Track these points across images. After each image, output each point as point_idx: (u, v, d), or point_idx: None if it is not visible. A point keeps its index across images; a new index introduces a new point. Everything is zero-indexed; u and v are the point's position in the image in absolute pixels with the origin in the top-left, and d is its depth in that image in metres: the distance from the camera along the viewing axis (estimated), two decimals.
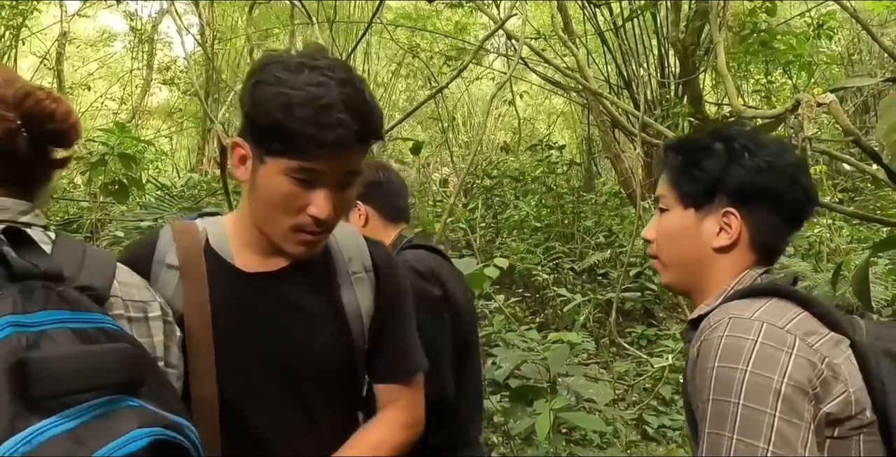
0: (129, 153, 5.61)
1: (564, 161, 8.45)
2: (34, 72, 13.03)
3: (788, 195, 1.03)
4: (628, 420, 3.50)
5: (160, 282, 1.11)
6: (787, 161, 1.04)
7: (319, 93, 1.00)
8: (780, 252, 1.12)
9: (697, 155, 1.08)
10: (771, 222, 1.05)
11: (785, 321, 0.89)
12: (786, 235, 1.09)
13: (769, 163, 1.03)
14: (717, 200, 1.05)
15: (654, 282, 6.15)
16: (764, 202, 1.04)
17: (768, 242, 1.07)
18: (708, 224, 1.06)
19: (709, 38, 8.38)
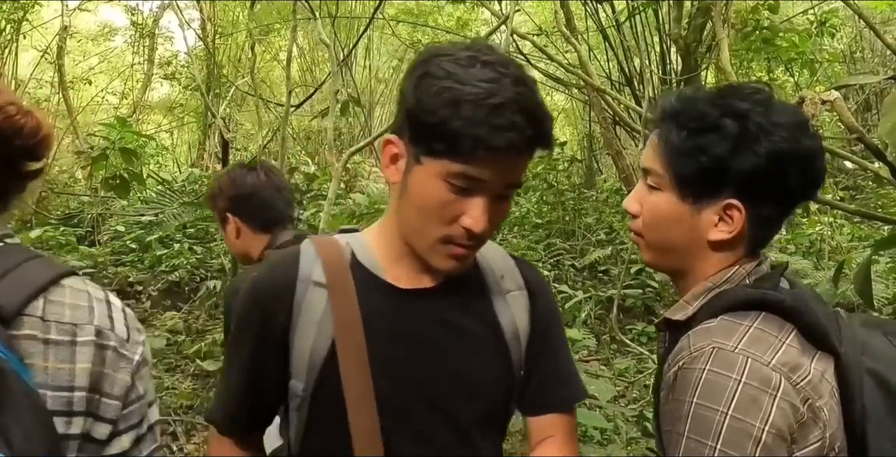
0: (131, 148, 5.61)
1: (566, 158, 8.45)
2: (35, 66, 13.01)
3: (800, 186, 0.94)
4: (629, 417, 3.50)
5: (306, 301, 1.00)
6: (806, 145, 0.92)
7: (493, 90, 0.88)
8: (770, 239, 1.05)
9: (703, 134, 0.93)
10: (772, 214, 0.96)
11: (771, 354, 0.83)
12: (780, 223, 1.01)
13: (784, 149, 0.90)
14: (721, 191, 0.93)
15: (654, 279, 6.15)
16: (774, 194, 0.93)
17: (764, 235, 0.99)
18: (706, 214, 0.95)
19: (711, 36, 8.37)
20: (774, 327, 0.85)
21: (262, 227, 1.93)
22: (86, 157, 7.96)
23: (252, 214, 1.92)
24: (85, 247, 7.40)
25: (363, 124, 13.23)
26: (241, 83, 10.51)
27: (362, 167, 12.12)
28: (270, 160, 10.47)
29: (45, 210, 8.92)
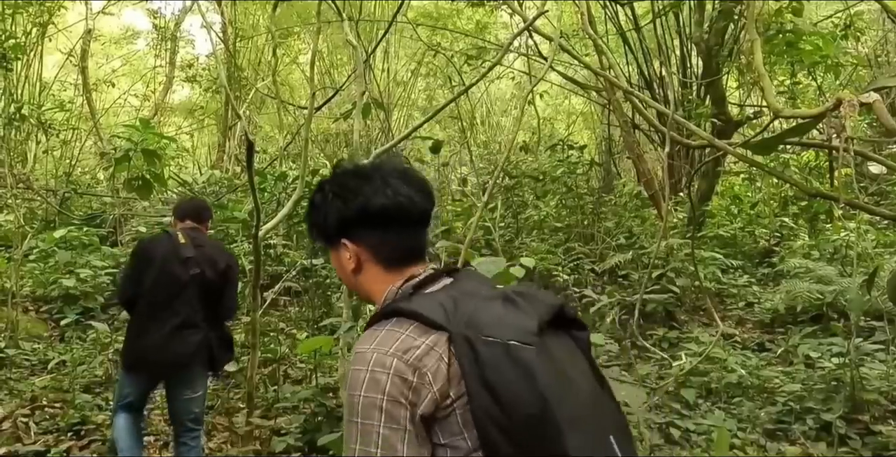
0: (152, 149, 5.66)
1: (585, 162, 8.40)
2: (59, 69, 13.19)
3: (376, 210, 1.25)
4: (651, 423, 3.46)
5: None
6: (358, 186, 1.28)
7: None
8: (420, 248, 1.31)
9: (310, 209, 1.36)
10: (378, 238, 1.27)
11: (392, 345, 1.12)
12: (410, 236, 1.29)
13: (346, 196, 1.28)
14: (334, 237, 1.31)
15: (675, 284, 6.08)
16: (361, 226, 1.27)
17: (389, 253, 1.28)
18: (343, 255, 1.31)
19: (733, 39, 8.29)
20: (402, 326, 1.14)
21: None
22: (108, 158, 8.05)
23: None
24: (107, 247, 7.47)
25: (382, 126, 13.24)
26: (262, 86, 10.58)
27: None
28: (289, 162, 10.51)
29: (68, 211, 9.03)
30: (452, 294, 1.21)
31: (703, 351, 4.06)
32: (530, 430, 1.07)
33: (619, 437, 1.16)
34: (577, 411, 1.11)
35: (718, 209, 9.26)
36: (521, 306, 1.19)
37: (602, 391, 1.23)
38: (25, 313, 6.16)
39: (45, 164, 11.58)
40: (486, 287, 1.26)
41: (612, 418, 1.21)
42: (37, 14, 10.53)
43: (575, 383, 1.15)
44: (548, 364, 1.11)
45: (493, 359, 1.08)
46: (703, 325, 6.01)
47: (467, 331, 1.11)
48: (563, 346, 1.21)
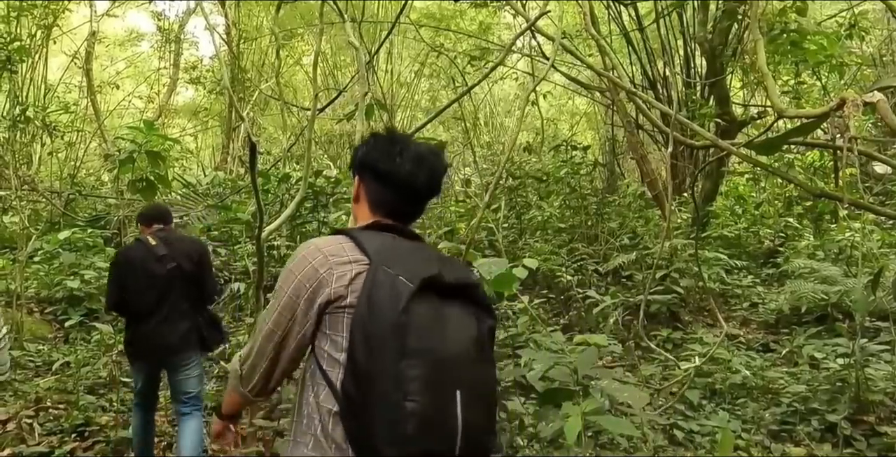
0: (157, 151, 5.67)
1: (588, 162, 8.38)
2: (64, 71, 13.23)
3: (386, 169, 1.55)
4: (655, 424, 3.45)
5: None
6: (384, 147, 1.58)
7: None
8: (403, 213, 1.59)
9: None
10: (377, 188, 1.58)
11: (327, 247, 1.47)
12: (399, 201, 1.57)
13: (372, 148, 1.59)
14: (355, 170, 1.63)
15: (679, 285, 6.06)
16: (370, 174, 1.58)
17: (380, 201, 1.58)
18: (355, 184, 1.63)
19: (737, 39, 8.27)
20: (343, 241, 1.49)
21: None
22: (112, 160, 8.07)
23: None
24: (111, 248, 7.49)
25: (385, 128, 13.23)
26: (265, 87, 10.60)
27: None
28: (293, 164, 10.53)
29: (72, 212, 9.05)
30: (396, 243, 1.50)
31: (708, 352, 4.05)
32: (382, 343, 1.32)
33: (470, 398, 1.33)
34: (432, 354, 1.32)
35: (722, 209, 9.23)
36: (433, 264, 1.44)
37: (480, 364, 1.42)
38: (30, 315, 6.18)
39: (50, 165, 11.63)
40: (425, 250, 1.53)
41: (473, 382, 1.37)
42: (41, 17, 10.58)
43: (446, 337, 1.36)
44: (425, 308, 1.36)
45: (381, 283, 1.37)
46: (708, 325, 5.99)
47: (380, 263, 1.40)
48: (456, 312, 1.42)
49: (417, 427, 1.27)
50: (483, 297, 1.49)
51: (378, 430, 1.29)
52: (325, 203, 6.53)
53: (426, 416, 1.28)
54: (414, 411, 1.27)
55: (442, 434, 1.30)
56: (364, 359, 1.33)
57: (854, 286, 5.11)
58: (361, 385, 1.33)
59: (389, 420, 1.28)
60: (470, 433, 1.32)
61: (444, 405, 1.31)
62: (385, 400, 1.29)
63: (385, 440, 1.28)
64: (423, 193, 1.59)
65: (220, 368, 4.84)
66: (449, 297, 1.41)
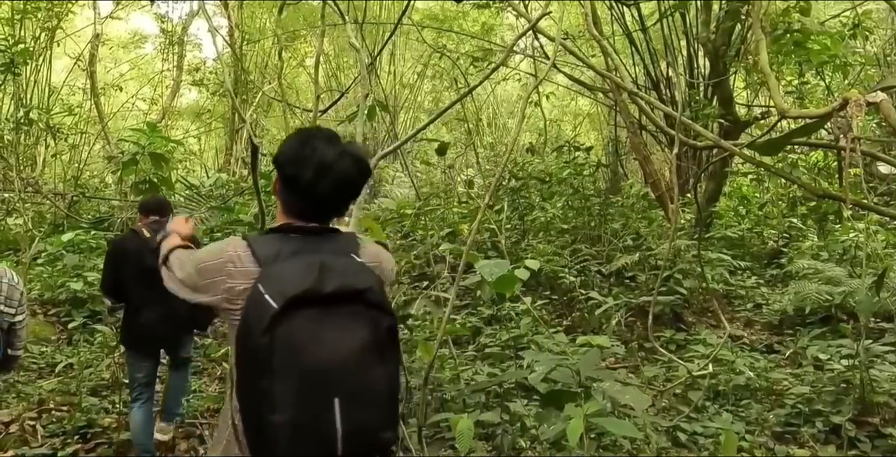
0: (160, 153, 5.69)
1: (591, 163, 8.36)
2: (68, 73, 13.27)
3: (289, 174, 1.60)
4: (658, 426, 3.43)
5: None
6: (302, 150, 1.60)
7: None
8: (313, 216, 1.62)
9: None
10: (284, 189, 1.64)
11: (237, 245, 1.59)
12: (305, 206, 1.61)
13: (288, 148, 1.63)
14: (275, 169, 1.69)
15: (683, 286, 6.04)
16: (279, 172, 1.63)
17: (288, 204, 1.65)
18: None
19: (740, 39, 8.24)
20: (243, 249, 1.57)
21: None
22: (116, 162, 8.09)
23: None
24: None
25: (388, 129, 13.25)
26: (268, 89, 10.61)
27: (386, 172, 12.15)
28: None
29: (76, 214, 9.07)
30: (291, 249, 1.55)
31: (711, 354, 4.03)
32: (251, 360, 1.43)
33: (354, 403, 1.43)
34: (302, 368, 1.41)
35: (726, 210, 9.20)
36: (311, 276, 1.47)
37: (371, 368, 1.48)
38: (34, 317, 6.19)
39: (54, 167, 11.66)
40: (316, 257, 1.53)
41: (358, 387, 1.45)
42: (45, 19, 10.61)
43: (320, 349, 1.43)
44: (296, 323, 1.42)
45: (253, 302, 1.45)
46: (711, 327, 5.97)
47: (259, 279, 1.48)
48: (339, 321, 1.46)
49: (288, 438, 1.39)
50: (377, 298, 1.52)
51: (254, 441, 1.45)
52: None
53: (297, 426, 1.39)
54: (283, 423, 1.38)
55: (318, 441, 1.41)
56: (239, 375, 1.47)
57: (858, 287, 5.09)
58: (240, 398, 1.47)
59: (261, 432, 1.42)
60: (354, 435, 1.43)
61: (318, 414, 1.41)
62: (257, 412, 1.42)
63: (262, 450, 1.44)
64: (328, 201, 1.61)
65: (223, 369, 4.84)
66: (332, 304, 1.46)
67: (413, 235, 7.67)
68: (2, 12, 10.31)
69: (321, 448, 1.41)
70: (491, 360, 4.39)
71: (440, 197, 9.56)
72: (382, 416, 1.51)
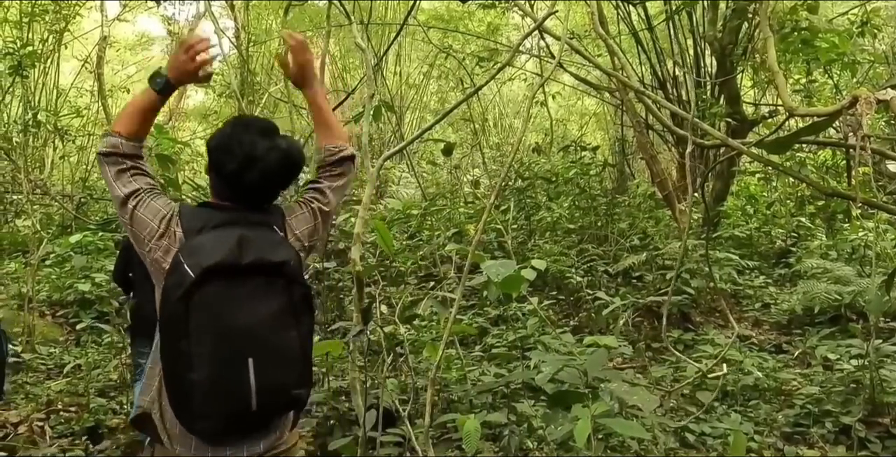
0: (167, 154, 5.70)
1: (598, 163, 8.34)
2: (76, 75, 13.33)
3: (215, 161, 1.72)
4: (666, 427, 3.42)
5: None
6: (231, 141, 1.70)
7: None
8: (238, 200, 1.71)
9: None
10: (213, 174, 1.75)
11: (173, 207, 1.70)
12: (230, 192, 1.71)
13: (220, 137, 1.72)
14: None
15: (690, 285, 6.02)
16: (209, 155, 1.74)
17: (214, 187, 1.77)
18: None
19: (747, 38, 8.20)
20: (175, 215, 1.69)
21: None
22: None
23: None
24: None
25: (394, 129, 13.25)
26: (274, 90, 10.63)
27: (392, 173, 12.15)
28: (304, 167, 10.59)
29: (84, 216, 9.11)
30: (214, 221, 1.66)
31: (720, 353, 4.01)
32: (169, 324, 1.59)
33: (267, 363, 1.59)
34: (217, 330, 1.56)
35: (734, 209, 9.16)
36: (230, 248, 1.60)
37: (283, 331, 1.63)
38: (42, 318, 6.23)
39: (62, 169, 11.72)
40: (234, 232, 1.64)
41: (271, 348, 1.61)
42: (53, 22, 10.66)
43: (235, 314, 1.58)
44: (213, 291, 1.56)
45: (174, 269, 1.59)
46: (719, 326, 5.94)
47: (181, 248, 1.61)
48: (252, 289, 1.61)
49: (203, 393, 1.54)
50: (293, 272, 1.67)
51: (174, 399, 1.58)
52: None
53: (213, 383, 1.54)
54: (200, 381, 1.54)
55: (232, 397, 1.56)
56: (161, 336, 1.62)
57: (868, 286, 5.06)
58: (162, 358, 1.61)
59: (180, 389, 1.57)
60: (268, 392, 1.59)
61: (232, 373, 1.56)
62: (175, 372, 1.57)
63: (180, 407, 1.57)
64: (253, 192, 1.71)
65: None
66: (248, 275, 1.60)
67: (419, 236, 7.67)
68: (10, 15, 10.37)
69: (236, 404, 1.57)
70: (497, 360, 4.38)
71: (446, 197, 9.56)
72: (294, 375, 1.66)
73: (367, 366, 3.86)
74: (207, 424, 1.57)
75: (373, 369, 3.78)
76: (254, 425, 1.64)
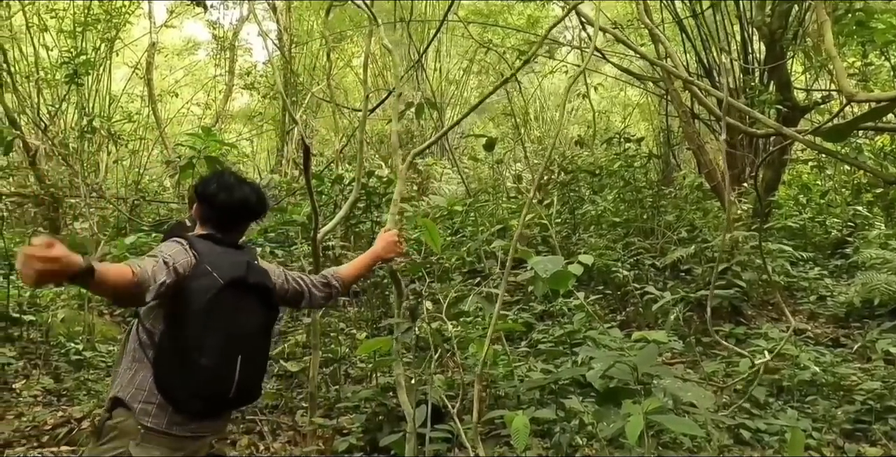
0: (215, 156, 5.83)
1: (642, 154, 8.19)
2: (126, 81, 13.76)
3: (211, 203, 2.23)
4: (720, 424, 3.34)
5: None
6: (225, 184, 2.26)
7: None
8: (230, 232, 2.26)
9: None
10: (202, 214, 2.25)
11: (177, 248, 2.06)
12: (224, 225, 2.25)
13: (217, 184, 2.26)
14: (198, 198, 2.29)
15: (741, 278, 5.86)
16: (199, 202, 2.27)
17: (208, 224, 2.24)
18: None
19: (797, 21, 7.93)
20: (185, 243, 2.11)
21: None
22: (174, 166, 8.34)
23: None
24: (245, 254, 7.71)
25: (436, 125, 13.26)
26: (317, 90, 10.76)
27: (434, 169, 12.17)
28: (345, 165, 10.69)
29: (137, 217, 9.40)
30: (214, 248, 2.13)
31: (774, 348, 3.90)
32: (194, 317, 1.99)
33: (247, 362, 2.08)
34: (227, 330, 2.03)
35: (786, 199, 8.88)
36: (242, 268, 2.13)
37: (260, 340, 2.19)
38: (100, 317, 6.46)
39: (116, 173, 12.11)
40: (235, 256, 2.19)
41: (251, 352, 2.12)
42: (105, 30, 11.01)
43: (239, 320, 2.07)
44: (229, 298, 2.05)
45: (201, 274, 2.03)
46: (772, 320, 5.78)
47: (202, 261, 2.05)
48: (252, 304, 2.14)
49: (207, 378, 2.00)
50: (272, 298, 2.22)
51: (178, 379, 1.98)
52: (378, 203, 6.57)
53: (216, 370, 2.01)
54: (208, 367, 1.99)
55: (222, 384, 2.03)
56: (176, 327, 2.00)
57: None
58: (176, 342, 1.99)
59: (187, 372, 1.98)
60: (243, 384, 2.07)
61: (228, 365, 2.04)
62: (186, 355, 1.98)
63: (181, 386, 1.98)
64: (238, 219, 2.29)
65: (280, 367, 4.94)
66: (251, 291, 2.12)
67: (462, 232, 7.67)
68: (65, 25, 10.76)
69: (222, 389, 2.03)
70: (544, 356, 4.35)
71: (489, 193, 9.53)
72: (260, 375, 2.18)
73: (415, 362, 3.88)
74: (198, 403, 2.00)
75: (420, 365, 3.80)
76: (224, 409, 2.17)
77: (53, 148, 9.05)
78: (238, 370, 2.03)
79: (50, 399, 4.68)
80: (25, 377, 5.04)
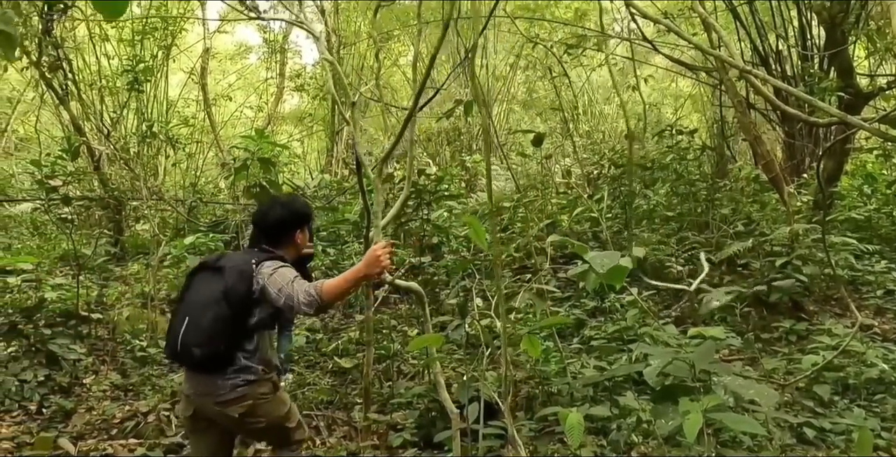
0: (268, 158, 5.97)
1: (696, 146, 7.99)
2: (182, 86, 14.19)
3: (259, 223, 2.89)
4: (781, 422, 3.24)
5: None
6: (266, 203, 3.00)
7: None
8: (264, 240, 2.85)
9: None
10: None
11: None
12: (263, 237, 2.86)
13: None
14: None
15: (802, 272, 5.67)
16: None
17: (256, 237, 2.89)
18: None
19: (860, 4, 7.59)
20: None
21: None
22: (228, 168, 8.56)
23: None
24: (231, 251, 7.94)
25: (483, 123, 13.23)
26: (365, 90, 10.88)
27: (482, 165, 12.14)
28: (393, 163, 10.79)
29: (195, 218, 9.69)
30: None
31: (839, 344, 3.76)
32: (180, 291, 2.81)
33: (190, 325, 2.60)
34: (188, 297, 2.70)
35: (849, 190, 8.53)
36: (220, 257, 2.79)
37: (211, 307, 2.60)
38: (163, 315, 6.69)
39: (174, 176, 12.52)
40: (238, 253, 3.03)
41: (197, 316, 2.60)
42: (162, 38, 11.38)
43: (194, 291, 2.71)
44: (198, 277, 2.76)
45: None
46: (836, 315, 5.57)
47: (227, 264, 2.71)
48: (210, 279, 2.67)
49: (168, 332, 2.69)
50: (230, 273, 2.62)
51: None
52: (429, 201, 6.61)
53: (171, 327, 2.65)
54: (171, 325, 2.67)
55: (174, 339, 2.60)
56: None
57: None
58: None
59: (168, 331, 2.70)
60: (183, 342, 2.57)
61: (178, 323, 2.61)
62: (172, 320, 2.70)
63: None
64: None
65: (335, 363, 5.03)
66: (215, 272, 2.66)
67: (511, 228, 7.64)
68: (124, 35, 11.18)
69: (173, 343, 2.60)
70: (597, 353, 4.31)
71: (537, 188, 9.46)
72: (198, 337, 2.56)
73: (466, 359, 3.89)
74: (167, 351, 2.68)
75: (471, 362, 3.82)
76: (184, 363, 2.67)
77: (116, 153, 9.41)
78: (182, 329, 2.57)
79: (118, 394, 4.89)
80: (94, 373, 5.27)
